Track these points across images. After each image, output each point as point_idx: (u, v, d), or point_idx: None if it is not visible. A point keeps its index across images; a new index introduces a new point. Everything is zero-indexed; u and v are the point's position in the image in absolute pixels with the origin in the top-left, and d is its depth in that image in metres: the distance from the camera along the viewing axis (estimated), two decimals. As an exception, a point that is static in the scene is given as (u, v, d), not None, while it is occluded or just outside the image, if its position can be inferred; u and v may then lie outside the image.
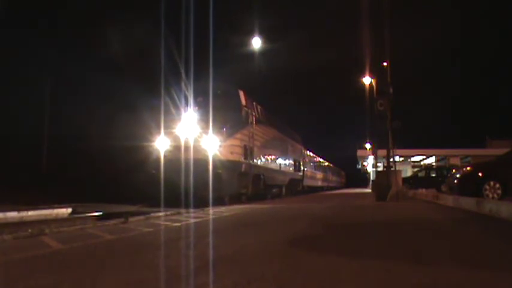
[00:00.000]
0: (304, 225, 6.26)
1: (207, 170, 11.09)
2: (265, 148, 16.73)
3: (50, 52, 23.10)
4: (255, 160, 14.72)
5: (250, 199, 14.56)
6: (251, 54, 21.09)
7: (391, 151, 15.03)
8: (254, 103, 15.61)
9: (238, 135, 13.23)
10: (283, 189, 20.64)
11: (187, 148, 11.47)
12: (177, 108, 12.12)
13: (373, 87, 19.03)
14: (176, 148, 11.77)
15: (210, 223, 6.58)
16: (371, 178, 36.93)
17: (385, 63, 15.21)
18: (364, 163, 49.51)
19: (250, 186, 14.26)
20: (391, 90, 14.41)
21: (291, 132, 23.55)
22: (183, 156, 11.35)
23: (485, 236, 4.82)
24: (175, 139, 11.92)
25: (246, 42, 20.69)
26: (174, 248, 4.09)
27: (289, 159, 21.71)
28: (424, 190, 20.07)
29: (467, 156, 40.81)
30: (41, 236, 4.83)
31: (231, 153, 12.38)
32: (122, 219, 6.64)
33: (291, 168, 22.06)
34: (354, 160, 53.85)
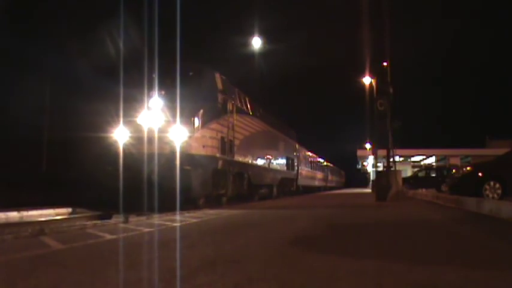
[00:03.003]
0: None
1: (173, 166, 9.27)
2: (250, 142, 14.73)
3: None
4: (236, 156, 12.78)
5: (233, 201, 12.80)
6: (251, 54, 21.08)
7: (391, 151, 15.03)
8: (236, 90, 13.59)
9: (213, 126, 11.14)
10: (274, 190, 18.87)
11: (150, 140, 9.64)
12: (139, 92, 10.14)
13: (373, 87, 19.03)
14: (137, 140, 9.87)
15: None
16: (371, 178, 36.91)
17: (385, 63, 15.22)
18: (364, 163, 49.55)
19: (231, 186, 12.34)
20: (391, 90, 14.43)
21: (283, 127, 21.55)
22: (145, 150, 9.55)
23: (485, 236, 4.83)
24: (137, 130, 9.96)
25: (246, 43, 20.69)
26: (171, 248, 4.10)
27: (280, 156, 19.98)
28: (424, 190, 20.10)
29: (467, 156, 40.85)
30: (41, 236, 4.83)
31: (204, 146, 10.48)
32: (122, 219, 6.65)
33: (282, 166, 20.28)
34: (354, 160, 53.96)
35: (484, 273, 2.77)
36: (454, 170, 18.08)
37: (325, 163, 41.70)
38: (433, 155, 44.23)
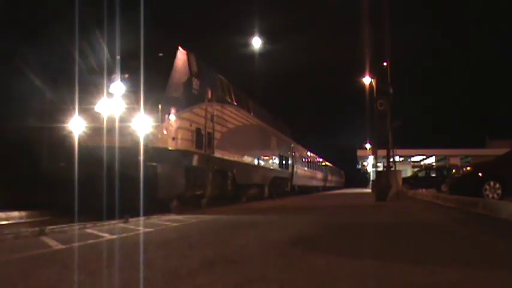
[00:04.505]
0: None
1: (135, 162, 7.94)
2: (236, 137, 13.04)
3: None
4: (217, 151, 11.10)
5: (216, 203, 11.23)
6: (251, 54, 21.08)
7: (391, 151, 15.04)
8: (217, 76, 11.96)
9: (186, 115, 9.52)
10: (266, 190, 17.29)
11: (110, 131, 8.28)
12: (98, 76, 8.75)
13: (373, 87, 19.04)
14: (95, 132, 8.50)
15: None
16: (371, 178, 36.90)
17: (385, 63, 15.24)
18: (364, 163, 49.59)
19: (210, 185, 10.78)
20: (391, 90, 14.45)
21: (276, 122, 19.94)
22: (104, 142, 8.22)
23: (485, 236, 4.82)
24: (95, 119, 8.56)
25: (247, 43, 20.69)
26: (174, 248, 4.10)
27: (273, 154, 18.43)
28: (424, 190, 20.10)
29: (467, 156, 40.86)
30: (41, 236, 4.83)
31: (173, 138, 8.94)
32: (123, 219, 6.65)
33: (275, 165, 18.77)
34: (354, 160, 54.00)
35: (484, 273, 2.77)
36: (454, 170, 18.11)
37: (324, 163, 41.36)
38: (433, 155, 44.25)
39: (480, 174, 10.50)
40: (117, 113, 8.43)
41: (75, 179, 7.44)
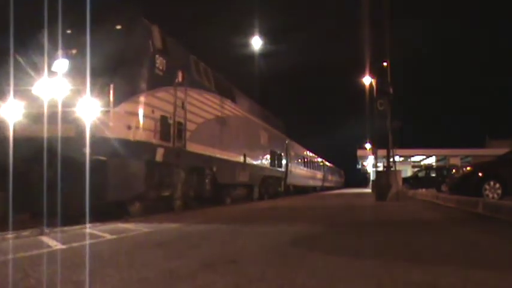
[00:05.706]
0: None
1: (80, 156, 6.52)
2: (215, 129, 11.28)
3: None
4: (189, 144, 9.39)
5: (195, 206, 9.99)
6: (252, 54, 21.09)
7: (391, 151, 15.05)
8: (191, 57, 10.26)
9: (147, 99, 7.84)
10: (255, 190, 15.79)
11: (52, 118, 6.78)
12: (38, 52, 7.36)
13: (373, 87, 19.05)
14: (33, 119, 7.01)
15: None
16: (371, 178, 36.90)
17: (385, 63, 15.25)
18: (364, 163, 49.64)
19: (181, 185, 9.27)
20: (391, 90, 14.47)
21: (267, 116, 18.27)
22: (45, 132, 6.72)
23: (485, 236, 4.82)
24: (33, 104, 7.02)
25: (247, 43, 20.69)
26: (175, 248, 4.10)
27: (263, 150, 16.76)
28: (424, 190, 20.12)
29: (467, 156, 40.92)
30: (41, 236, 4.83)
31: (129, 127, 7.39)
32: (123, 220, 6.65)
33: (266, 162, 17.03)
34: (354, 160, 54.04)
35: (484, 273, 2.77)
36: (454, 170, 18.11)
37: (323, 162, 41.02)
38: (433, 155, 44.30)
39: (480, 174, 10.50)
40: (59, 95, 7.00)
41: (9, 177, 6.25)
